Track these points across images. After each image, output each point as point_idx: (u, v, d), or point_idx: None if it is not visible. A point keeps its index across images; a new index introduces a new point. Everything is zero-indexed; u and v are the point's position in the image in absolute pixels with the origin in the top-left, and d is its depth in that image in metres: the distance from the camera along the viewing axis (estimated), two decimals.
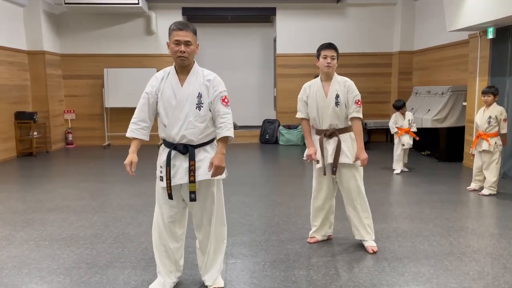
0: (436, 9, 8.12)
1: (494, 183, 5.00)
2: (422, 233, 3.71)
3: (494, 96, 4.97)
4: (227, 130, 2.45)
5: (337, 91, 3.21)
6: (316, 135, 3.36)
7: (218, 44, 10.49)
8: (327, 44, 3.25)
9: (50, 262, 3.14)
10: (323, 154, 3.25)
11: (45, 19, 8.69)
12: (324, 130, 3.26)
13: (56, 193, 5.21)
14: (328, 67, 3.19)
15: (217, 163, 2.44)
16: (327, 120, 3.23)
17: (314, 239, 3.51)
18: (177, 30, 2.41)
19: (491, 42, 6.25)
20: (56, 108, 9.11)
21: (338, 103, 3.20)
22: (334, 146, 3.22)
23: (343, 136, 3.23)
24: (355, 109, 3.18)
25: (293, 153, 8.53)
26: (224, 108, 2.47)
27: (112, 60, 9.45)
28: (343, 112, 3.22)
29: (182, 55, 2.41)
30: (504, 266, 3.03)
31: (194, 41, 2.45)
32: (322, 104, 3.24)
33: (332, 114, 3.21)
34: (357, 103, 3.20)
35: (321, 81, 3.30)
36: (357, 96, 3.21)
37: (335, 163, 3.21)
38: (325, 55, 3.21)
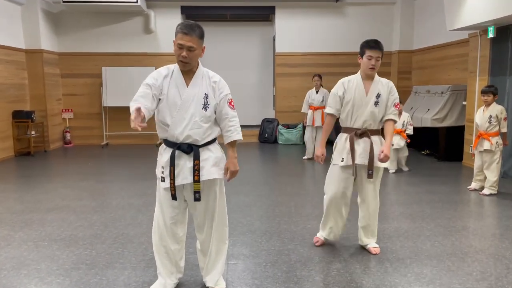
0: (435, 8, 8.10)
1: (495, 182, 4.99)
2: (424, 233, 3.70)
3: (494, 95, 4.96)
4: (237, 134, 2.51)
5: (379, 91, 3.11)
6: (343, 133, 3.22)
7: (217, 43, 10.45)
8: (374, 44, 3.09)
9: (49, 263, 3.10)
10: (353, 154, 3.11)
11: (43, 17, 8.63)
12: (355, 129, 3.13)
13: (55, 193, 5.18)
14: (372, 69, 3.08)
15: (233, 168, 2.52)
16: (361, 118, 3.11)
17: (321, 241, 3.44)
18: (182, 33, 2.33)
19: (491, 42, 6.24)
20: (54, 107, 9.06)
21: (378, 102, 3.10)
22: (364, 147, 3.10)
23: (374, 138, 3.13)
24: (393, 111, 3.14)
25: (292, 152, 8.51)
26: (232, 112, 2.50)
27: (110, 59, 9.40)
28: (381, 113, 3.13)
29: (184, 60, 2.37)
30: (507, 267, 3.01)
31: (199, 46, 2.39)
32: (360, 102, 3.11)
33: (369, 113, 3.10)
34: (396, 106, 3.15)
35: (361, 78, 3.17)
36: (397, 99, 3.16)
37: (370, 166, 3.09)
38: (370, 56, 3.07)
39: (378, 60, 3.07)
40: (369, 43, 3.09)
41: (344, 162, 3.15)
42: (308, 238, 3.60)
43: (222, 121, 2.49)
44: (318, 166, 6.97)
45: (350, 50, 9.56)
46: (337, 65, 9.64)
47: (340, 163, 3.17)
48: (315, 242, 3.42)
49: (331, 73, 9.43)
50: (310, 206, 4.57)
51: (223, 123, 2.49)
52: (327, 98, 7.51)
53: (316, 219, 4.10)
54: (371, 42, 3.10)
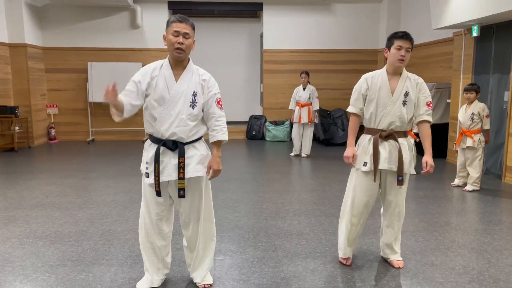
0: (421, 7, 8.20)
1: (478, 179, 5.09)
2: (408, 229, 3.76)
3: (476, 93, 5.05)
4: (222, 134, 2.49)
5: (408, 89, 2.78)
6: (366, 135, 2.90)
7: (204, 39, 10.41)
8: (403, 33, 2.75)
9: (34, 260, 3.07)
10: (376, 158, 2.80)
11: (27, 11, 8.48)
12: (380, 130, 2.81)
13: (39, 190, 5.11)
14: (401, 61, 2.74)
15: (216, 167, 2.49)
16: (387, 119, 2.78)
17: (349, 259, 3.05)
18: (177, 22, 2.37)
19: (475, 40, 6.35)
20: (38, 102, 8.92)
21: (406, 102, 2.77)
22: (390, 151, 2.80)
23: (401, 140, 2.82)
24: (426, 111, 2.81)
25: (280, 149, 8.54)
26: (219, 111, 2.49)
27: (96, 53, 9.29)
28: (410, 113, 2.81)
29: (180, 46, 2.35)
30: (488, 261, 3.08)
31: (192, 35, 2.42)
32: (385, 101, 2.78)
33: (396, 113, 2.77)
34: (429, 104, 2.82)
35: (386, 73, 2.84)
36: (429, 97, 2.83)
37: (400, 172, 2.79)
38: (399, 46, 2.73)
39: (408, 51, 2.74)
40: (398, 33, 2.76)
41: (367, 167, 2.83)
42: (294, 234, 3.63)
43: (209, 120, 2.49)
44: (305, 163, 7.02)
45: (337, 48, 9.66)
46: (324, 62, 9.71)
47: (363, 168, 2.84)
48: (345, 263, 3.02)
49: (318, 70, 9.50)
50: (297, 203, 4.61)
51: (210, 122, 2.49)
52: (314, 95, 7.61)
53: (303, 215, 4.14)
54: (400, 32, 2.77)
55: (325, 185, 5.36)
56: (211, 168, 2.49)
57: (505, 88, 5.72)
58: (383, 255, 3.11)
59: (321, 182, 5.59)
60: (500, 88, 5.83)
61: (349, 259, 3.03)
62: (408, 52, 2.75)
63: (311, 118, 7.29)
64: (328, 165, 6.71)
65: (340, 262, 3.05)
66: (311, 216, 4.13)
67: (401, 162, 2.78)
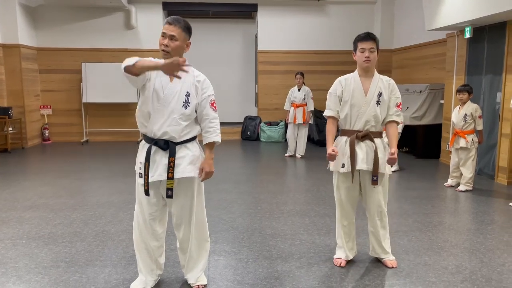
0: (414, 9, 8.25)
1: (471, 179, 5.13)
2: (402, 229, 3.78)
3: (469, 94, 5.09)
4: (216, 136, 2.48)
5: (381, 89, 2.85)
6: (342, 136, 2.95)
7: (199, 40, 10.39)
8: (364, 35, 2.83)
9: (28, 261, 3.06)
10: (353, 159, 2.84)
11: (21, 11, 8.43)
12: (356, 131, 2.85)
13: (33, 191, 5.09)
14: (367, 61, 2.80)
15: (208, 169, 2.48)
16: (363, 119, 2.84)
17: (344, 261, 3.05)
18: (167, 23, 2.39)
19: (468, 42, 6.40)
20: (32, 103, 8.87)
21: (380, 102, 2.83)
22: (366, 151, 2.84)
23: (376, 141, 2.86)
24: (396, 112, 2.88)
25: (275, 149, 8.55)
26: (213, 113, 2.48)
27: (90, 54, 9.26)
28: (383, 113, 2.87)
29: (165, 48, 2.37)
30: (481, 261, 3.11)
31: (182, 38, 2.40)
32: (359, 102, 2.84)
33: (371, 113, 2.83)
34: (398, 106, 2.88)
35: (359, 76, 2.91)
36: (399, 98, 2.90)
37: (375, 172, 2.83)
38: (362, 48, 2.81)
39: (372, 51, 2.80)
40: (360, 35, 2.85)
41: (345, 169, 2.87)
42: (289, 234, 3.64)
43: (203, 121, 2.49)
44: (300, 163, 7.04)
45: (331, 49, 9.69)
46: (319, 63, 9.74)
47: (341, 170, 2.89)
48: (337, 265, 3.02)
49: (313, 71, 9.53)
50: (292, 203, 4.62)
51: (204, 123, 2.49)
52: (309, 96, 7.64)
53: (297, 215, 4.15)
54: (361, 34, 2.85)
55: (320, 186, 5.37)
56: (203, 170, 2.48)
57: (497, 89, 5.77)
58: (373, 254, 3.13)
59: (315, 182, 5.61)
60: (493, 89, 5.87)
61: (344, 261, 3.04)
62: (372, 52, 2.81)
63: (306, 119, 7.32)
64: (322, 166, 6.72)
65: (334, 262, 3.06)
66: (305, 216, 4.14)
67: (376, 162, 2.82)
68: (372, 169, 2.83)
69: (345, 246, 3.05)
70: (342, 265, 3.01)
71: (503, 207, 4.52)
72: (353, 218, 3.06)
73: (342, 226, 3.04)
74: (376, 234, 3.02)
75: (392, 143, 2.85)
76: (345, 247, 3.05)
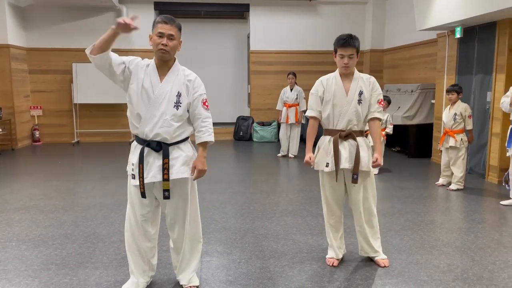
0: (406, 9, 8.30)
1: (461, 178, 5.16)
2: (394, 228, 3.79)
3: (457, 94, 5.13)
4: (208, 135, 2.46)
5: (361, 88, 2.86)
6: (325, 136, 2.97)
7: (191, 40, 10.36)
8: (344, 41, 2.79)
9: (17, 264, 3.02)
10: (337, 158, 2.86)
11: (10, 12, 8.33)
12: (339, 131, 2.88)
13: (23, 192, 5.03)
14: (345, 68, 2.84)
15: (201, 167, 2.46)
16: (345, 119, 2.86)
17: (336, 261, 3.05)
18: (162, 23, 2.36)
19: (458, 42, 6.45)
20: (21, 104, 8.77)
21: (361, 100, 2.85)
22: (349, 150, 2.86)
23: (359, 139, 2.88)
24: (377, 109, 2.89)
25: (267, 149, 8.55)
26: (205, 112, 2.47)
27: (81, 54, 9.08)
28: (365, 111, 2.88)
29: (164, 48, 2.35)
30: (472, 259, 3.13)
31: (178, 37, 2.40)
32: (341, 102, 2.86)
33: (353, 113, 2.85)
34: (380, 102, 2.90)
35: (340, 76, 2.92)
36: (380, 95, 2.91)
37: (355, 170, 2.84)
38: (341, 55, 2.82)
39: (351, 57, 2.81)
40: (339, 41, 2.82)
41: (329, 168, 2.89)
42: (281, 234, 3.64)
43: (195, 121, 2.47)
44: (292, 163, 7.04)
45: (323, 49, 9.69)
46: (311, 63, 9.75)
47: (326, 169, 2.91)
48: (330, 264, 3.03)
49: (305, 71, 9.53)
50: (285, 203, 4.62)
51: (196, 123, 2.47)
52: (301, 96, 7.65)
53: (290, 216, 4.15)
54: (341, 39, 2.81)
55: (312, 186, 5.38)
56: (195, 168, 2.46)
57: (487, 89, 5.82)
58: (362, 254, 3.13)
59: (308, 182, 5.61)
60: (483, 88, 5.92)
61: (336, 260, 3.04)
62: (351, 58, 2.82)
63: (298, 119, 7.33)
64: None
65: (326, 262, 3.06)
66: (298, 216, 4.15)
67: (358, 161, 2.84)
68: (353, 168, 2.86)
69: (334, 245, 3.07)
70: (334, 264, 3.02)
71: (493, 205, 4.56)
72: (341, 217, 3.07)
73: (329, 225, 3.08)
74: (363, 232, 3.03)
75: (376, 145, 2.89)
76: (334, 246, 3.07)
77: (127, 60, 2.44)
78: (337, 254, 3.07)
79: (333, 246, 3.07)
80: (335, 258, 3.05)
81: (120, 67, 2.40)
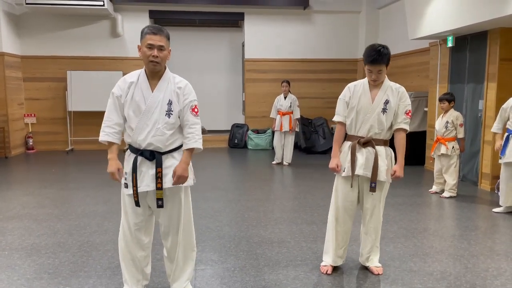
0: (398, 18, 8.40)
1: (454, 185, 5.20)
2: (387, 235, 3.81)
3: (449, 102, 5.19)
4: (194, 142, 2.44)
5: (388, 97, 2.84)
6: (347, 142, 2.96)
7: (186, 48, 10.41)
8: (373, 59, 2.77)
9: (10, 273, 3.00)
10: (353, 163, 2.87)
11: (5, 19, 8.33)
12: (359, 137, 2.88)
13: (16, 201, 4.99)
14: (374, 81, 2.85)
15: (180, 172, 2.41)
16: (366, 126, 2.85)
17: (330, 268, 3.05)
18: (151, 34, 2.36)
19: (450, 50, 6.53)
20: (15, 111, 8.74)
21: (386, 110, 2.83)
22: (366, 157, 2.85)
23: (379, 148, 2.86)
24: (404, 120, 2.86)
25: (262, 157, 8.56)
26: (193, 118, 2.45)
27: (76, 62, 9.18)
28: (389, 121, 2.86)
29: (155, 59, 2.36)
30: (465, 266, 3.15)
31: (167, 46, 2.42)
32: (365, 109, 2.85)
33: (375, 121, 2.84)
34: (408, 113, 2.86)
35: (368, 83, 2.91)
36: (408, 106, 2.87)
37: (373, 178, 2.83)
38: (369, 70, 2.82)
39: (380, 72, 2.81)
40: (368, 57, 2.79)
41: (346, 173, 2.89)
42: (276, 242, 3.64)
43: (184, 127, 2.47)
44: (287, 171, 7.05)
45: (317, 57, 9.79)
46: (305, 71, 9.82)
47: (342, 173, 2.92)
48: (324, 272, 3.03)
49: (299, 79, 9.60)
50: (279, 211, 4.62)
51: (184, 129, 2.47)
52: (295, 104, 7.69)
53: (284, 223, 4.16)
54: (370, 55, 2.78)
55: (307, 193, 5.39)
56: (175, 174, 2.41)
57: (479, 97, 5.89)
58: (362, 262, 3.14)
59: (302, 190, 5.63)
60: (475, 96, 5.99)
61: (330, 267, 3.04)
62: (380, 73, 2.82)
63: (292, 127, 7.36)
64: (309, 173, 6.76)
65: (320, 269, 3.06)
66: (293, 224, 4.15)
67: (376, 169, 2.82)
68: (371, 176, 2.84)
69: (334, 252, 3.04)
70: (328, 272, 3.01)
71: (486, 213, 4.59)
72: (350, 226, 3.05)
73: (335, 232, 3.02)
74: (369, 241, 3.02)
75: (398, 156, 2.87)
76: (334, 253, 3.04)
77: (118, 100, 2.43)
78: (335, 261, 3.05)
79: (332, 253, 3.04)
80: (330, 265, 3.04)
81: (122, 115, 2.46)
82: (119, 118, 2.44)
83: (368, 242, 3.03)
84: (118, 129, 2.44)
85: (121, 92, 2.43)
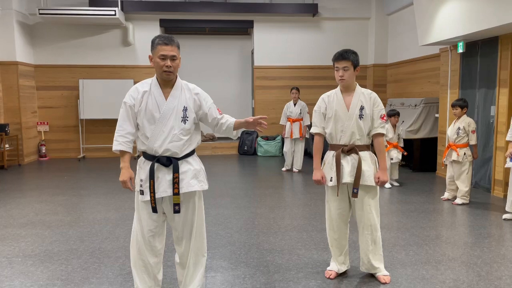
0: (408, 24, 8.38)
1: (467, 192, 5.14)
2: (399, 243, 3.78)
3: (461, 108, 5.14)
4: (230, 117, 2.64)
5: (362, 103, 2.90)
6: (330, 151, 3.01)
7: (196, 56, 10.50)
8: (338, 55, 2.89)
9: (23, 279, 3.03)
10: (338, 172, 2.90)
11: (19, 29, 8.51)
12: (342, 145, 2.91)
13: (29, 208, 5.06)
14: (341, 80, 2.89)
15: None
16: (348, 133, 2.89)
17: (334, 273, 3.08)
18: (163, 44, 2.41)
19: (461, 56, 6.49)
20: (29, 120, 8.88)
21: (363, 116, 2.88)
22: (352, 164, 2.88)
23: (362, 154, 2.90)
24: (380, 124, 2.92)
25: (272, 164, 8.56)
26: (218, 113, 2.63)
27: (88, 71, 9.32)
28: (367, 126, 2.91)
29: (168, 69, 2.41)
30: (478, 274, 3.11)
31: (179, 55, 2.48)
32: (342, 117, 2.90)
33: (355, 128, 2.88)
34: (383, 117, 2.92)
35: (341, 92, 2.97)
36: (382, 110, 2.93)
37: (356, 184, 2.86)
38: (337, 67, 2.89)
39: (346, 70, 2.86)
40: (335, 55, 2.92)
41: (333, 182, 2.93)
42: (286, 249, 3.63)
43: (218, 121, 2.60)
44: (297, 178, 7.04)
45: (327, 64, 9.77)
46: (314, 78, 9.82)
47: (329, 183, 2.95)
48: (327, 276, 3.06)
49: (309, 86, 9.61)
50: (289, 218, 4.61)
51: (219, 122, 2.60)
52: (305, 111, 7.69)
53: (295, 230, 4.15)
54: (336, 53, 2.91)
55: (317, 200, 5.38)
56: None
57: (491, 103, 5.83)
58: (363, 269, 3.10)
59: (312, 197, 5.61)
60: (487, 102, 5.94)
61: (335, 273, 3.05)
62: (346, 71, 2.87)
63: (302, 133, 7.36)
64: None
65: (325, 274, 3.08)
66: (303, 231, 4.14)
67: (358, 175, 2.86)
68: (354, 182, 2.88)
69: (336, 259, 3.09)
70: (331, 277, 3.04)
71: (499, 220, 4.53)
72: (346, 233, 3.08)
73: (333, 240, 3.09)
74: (364, 248, 3.01)
75: (380, 162, 2.93)
76: (336, 260, 3.09)
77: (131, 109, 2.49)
78: (338, 268, 3.08)
79: (336, 260, 3.10)
80: (334, 271, 3.07)
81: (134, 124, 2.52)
82: (131, 127, 2.49)
83: (364, 247, 3.01)
84: (130, 138, 2.50)
85: (134, 101, 2.47)
